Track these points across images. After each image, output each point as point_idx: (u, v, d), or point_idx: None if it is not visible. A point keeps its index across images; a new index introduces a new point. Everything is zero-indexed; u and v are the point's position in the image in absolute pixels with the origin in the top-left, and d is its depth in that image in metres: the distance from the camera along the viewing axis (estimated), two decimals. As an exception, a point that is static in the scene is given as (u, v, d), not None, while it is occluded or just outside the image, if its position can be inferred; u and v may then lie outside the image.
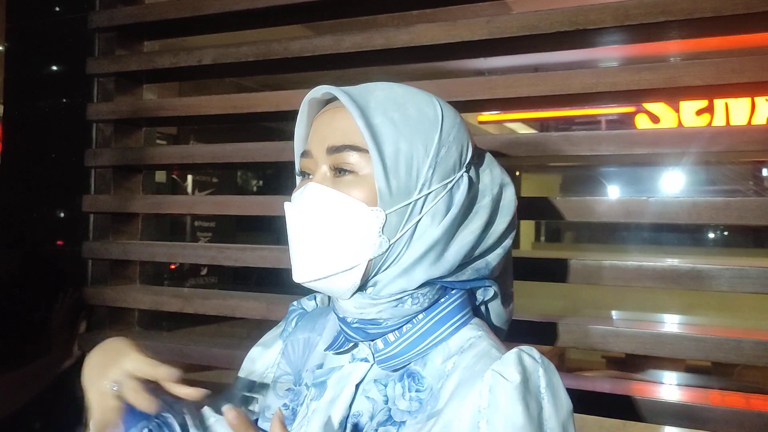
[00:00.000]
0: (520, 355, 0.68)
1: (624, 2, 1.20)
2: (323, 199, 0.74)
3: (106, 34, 1.75)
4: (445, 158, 0.75)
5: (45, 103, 1.80)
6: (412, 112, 0.75)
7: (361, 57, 1.45)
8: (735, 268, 1.12)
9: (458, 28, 1.32)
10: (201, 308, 1.54)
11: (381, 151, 0.72)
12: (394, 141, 0.73)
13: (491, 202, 0.79)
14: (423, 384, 0.74)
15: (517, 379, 0.66)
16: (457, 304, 0.77)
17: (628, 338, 1.18)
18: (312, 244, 0.74)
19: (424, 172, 0.74)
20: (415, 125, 0.74)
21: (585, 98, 1.31)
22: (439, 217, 0.74)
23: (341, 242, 0.73)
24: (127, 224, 1.78)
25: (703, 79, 1.16)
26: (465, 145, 0.78)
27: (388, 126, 0.73)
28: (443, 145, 0.75)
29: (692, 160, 1.28)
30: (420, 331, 0.75)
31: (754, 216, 1.13)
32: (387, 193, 0.72)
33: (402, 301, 0.74)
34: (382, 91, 0.77)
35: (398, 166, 0.72)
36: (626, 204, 1.22)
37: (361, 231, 0.72)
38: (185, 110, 1.62)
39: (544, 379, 0.68)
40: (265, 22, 1.63)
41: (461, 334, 0.76)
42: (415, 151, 0.73)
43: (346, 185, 0.73)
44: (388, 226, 0.73)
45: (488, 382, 0.66)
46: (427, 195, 0.74)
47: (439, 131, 0.75)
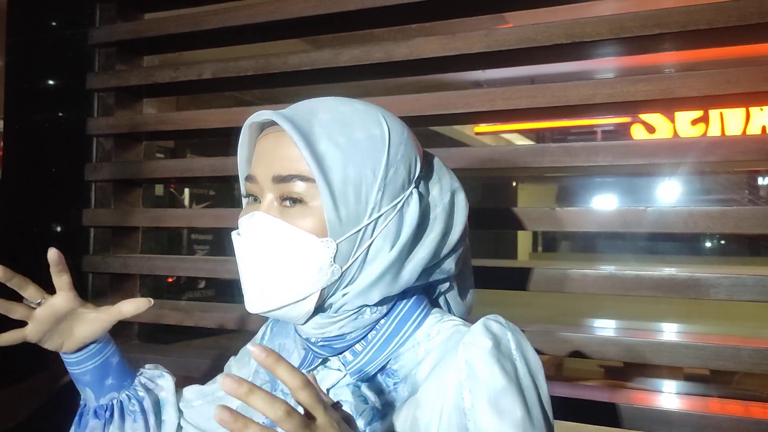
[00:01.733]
0: (486, 323, 0.71)
1: (619, 15, 1.22)
2: (272, 230, 0.72)
3: (107, 50, 1.77)
4: (393, 179, 0.73)
5: (45, 118, 1.81)
6: (359, 134, 0.72)
7: (359, 70, 1.47)
8: (733, 277, 1.13)
9: (457, 41, 1.34)
10: (201, 321, 1.55)
11: (328, 181, 0.69)
12: (341, 168, 0.70)
13: (444, 213, 0.78)
14: (398, 376, 0.75)
15: (488, 344, 0.68)
16: (414, 300, 0.78)
17: (626, 347, 1.19)
18: (263, 276, 0.73)
19: (373, 196, 0.72)
20: (363, 148, 0.72)
21: (582, 109, 1.33)
22: (391, 238, 0.73)
23: (293, 274, 0.72)
24: (127, 238, 1.79)
25: (699, 90, 1.18)
26: (413, 160, 0.76)
27: (334, 152, 0.70)
28: (391, 165, 0.73)
29: (688, 170, 1.29)
30: (385, 335, 0.76)
31: (750, 225, 1.14)
32: (337, 223, 0.70)
33: (361, 312, 0.74)
34: (327, 113, 0.74)
35: (347, 194, 0.70)
36: (623, 214, 1.23)
37: (313, 262, 0.71)
38: (185, 124, 1.63)
39: (513, 342, 0.71)
40: (264, 37, 1.65)
41: (425, 325, 0.77)
42: (363, 176, 0.71)
43: (294, 216, 0.72)
44: (339, 254, 0.71)
45: (463, 355, 0.68)
46: (377, 219, 0.72)
47: (387, 152, 0.73)
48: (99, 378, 0.91)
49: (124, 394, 0.93)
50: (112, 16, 1.77)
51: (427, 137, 1.45)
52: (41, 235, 1.79)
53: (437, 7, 1.40)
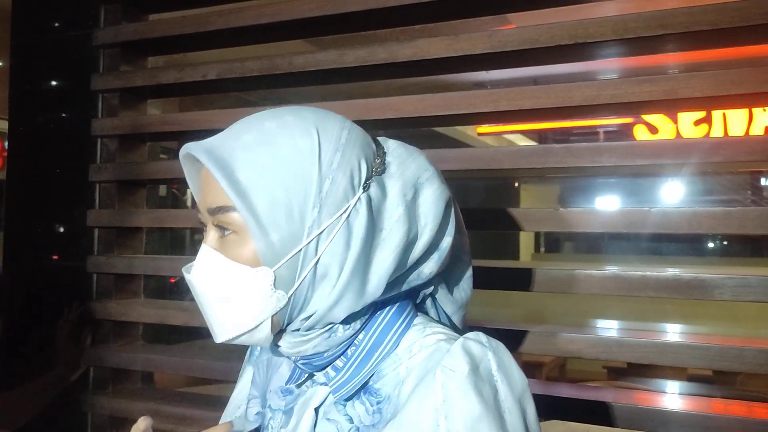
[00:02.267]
0: (465, 344, 0.68)
1: (623, 16, 1.22)
2: (210, 264, 0.71)
3: (111, 51, 1.77)
4: (331, 191, 0.69)
5: (49, 119, 1.81)
6: (285, 151, 0.69)
7: (364, 71, 1.47)
8: (737, 277, 1.13)
9: (460, 42, 1.34)
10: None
11: (252, 209, 0.67)
12: (267, 192, 0.67)
13: (406, 213, 0.72)
14: (381, 394, 0.73)
15: (465, 369, 0.66)
16: (395, 311, 0.75)
17: (631, 348, 1.19)
18: (212, 309, 0.73)
19: (309, 213, 0.68)
20: (289, 167, 0.68)
21: (586, 110, 1.33)
22: (340, 252, 0.69)
23: (237, 305, 0.70)
24: (132, 238, 1.79)
25: (703, 90, 1.18)
26: (357, 164, 0.71)
27: (257, 177, 0.68)
28: (326, 177, 0.69)
29: (692, 171, 1.29)
30: (365, 350, 0.74)
31: (754, 225, 1.14)
32: (269, 250, 0.68)
33: (333, 330, 0.72)
34: (252, 133, 0.71)
35: (276, 218, 0.67)
36: (628, 215, 1.23)
37: (253, 292, 0.69)
38: (189, 125, 1.64)
39: (494, 362, 0.68)
40: (269, 38, 1.65)
41: (407, 339, 0.74)
42: (293, 195, 0.68)
43: (230, 246, 0.70)
44: (280, 279, 0.69)
45: (440, 380, 0.66)
46: (318, 235, 0.69)
47: (318, 164, 0.69)
48: None
49: None
50: (117, 17, 1.77)
51: (429, 138, 1.45)
52: (45, 236, 1.80)
53: (440, 8, 1.40)
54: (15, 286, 1.83)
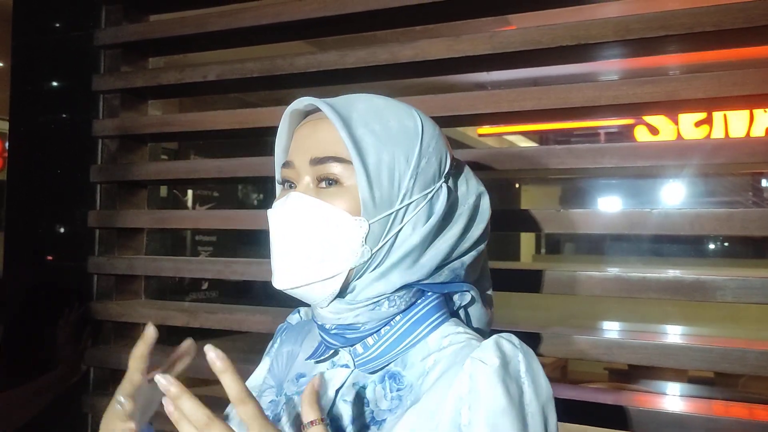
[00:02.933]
0: (498, 341, 0.70)
1: (624, 17, 1.22)
2: (308, 208, 0.74)
3: (112, 51, 1.77)
4: (425, 169, 0.77)
5: (50, 119, 1.81)
6: (393, 123, 0.76)
7: (365, 72, 1.47)
8: (739, 279, 1.13)
9: (461, 43, 1.34)
10: (207, 322, 1.55)
11: (365, 162, 0.73)
12: (376, 152, 0.74)
13: (469, 211, 0.81)
14: (403, 382, 0.75)
15: (496, 363, 0.67)
16: (434, 305, 0.78)
17: (633, 349, 1.18)
18: (295, 251, 0.75)
19: (405, 182, 0.75)
20: (396, 137, 0.76)
21: (587, 111, 1.32)
22: (419, 226, 0.76)
23: (325, 251, 0.74)
24: (133, 239, 1.79)
25: (704, 92, 1.17)
26: (444, 156, 0.80)
27: (370, 137, 0.74)
28: (423, 156, 0.77)
29: (693, 172, 1.29)
30: (398, 332, 0.76)
31: (756, 226, 1.14)
32: (371, 204, 0.73)
33: (379, 304, 0.75)
34: (363, 103, 0.78)
35: (381, 177, 0.74)
36: (629, 216, 1.23)
37: (345, 240, 0.73)
38: (190, 125, 1.64)
39: (523, 364, 0.69)
40: (270, 39, 1.65)
41: (439, 332, 0.77)
42: (397, 161, 0.75)
43: (330, 196, 0.74)
44: (371, 235, 0.74)
45: (468, 370, 0.68)
46: (408, 205, 0.75)
47: (420, 142, 0.77)
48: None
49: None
50: (118, 18, 1.77)
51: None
52: (46, 237, 1.79)
53: (441, 9, 1.40)
54: (16, 286, 1.83)
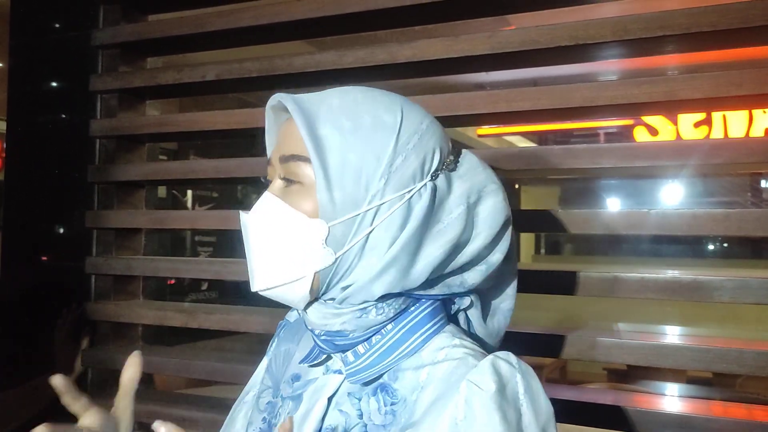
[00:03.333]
0: (494, 362, 0.66)
1: (623, 17, 1.22)
2: (269, 209, 0.73)
3: (110, 51, 1.77)
4: (401, 167, 0.71)
5: (48, 120, 1.81)
6: (366, 120, 0.72)
7: (364, 72, 1.47)
8: (736, 279, 1.13)
9: (460, 43, 1.34)
10: (205, 323, 1.55)
11: (324, 162, 0.69)
12: (340, 151, 0.70)
13: (463, 215, 0.73)
14: (396, 396, 0.71)
15: (492, 388, 0.64)
16: (428, 312, 0.74)
17: (631, 350, 1.18)
18: (260, 254, 0.74)
19: (375, 182, 0.70)
20: (368, 134, 0.71)
21: (585, 111, 1.32)
22: (394, 230, 0.70)
23: (285, 253, 0.72)
24: (131, 240, 1.79)
25: (702, 92, 1.17)
26: (432, 152, 0.73)
27: (335, 136, 0.70)
28: (399, 153, 0.71)
29: (691, 173, 1.29)
30: (390, 341, 0.73)
31: (753, 227, 1.14)
32: (329, 205, 0.69)
33: (366, 311, 0.72)
34: (338, 98, 0.74)
35: (344, 178, 0.69)
36: (627, 216, 1.23)
37: (303, 242, 0.71)
38: (189, 126, 1.63)
39: (522, 385, 0.66)
40: (268, 39, 1.65)
41: (434, 343, 0.73)
42: (365, 161, 0.70)
43: (292, 195, 0.72)
44: (332, 238, 0.70)
45: (464, 394, 0.65)
46: (379, 206, 0.70)
47: (396, 138, 0.71)
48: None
49: None
50: (116, 18, 1.77)
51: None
52: (44, 237, 1.79)
53: (440, 9, 1.40)
54: (13, 286, 1.83)
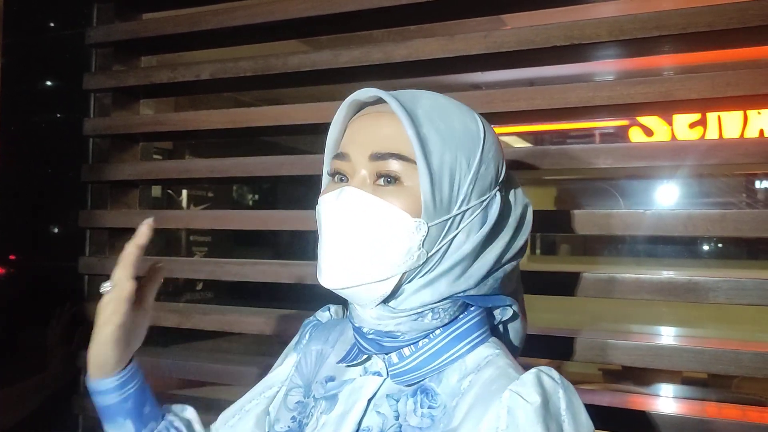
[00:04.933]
0: (539, 375, 0.67)
1: (619, 17, 1.22)
2: (365, 204, 0.71)
3: (104, 50, 1.76)
4: (484, 174, 0.74)
5: (41, 118, 1.80)
6: (456, 124, 0.74)
7: (359, 71, 1.46)
8: (732, 280, 1.13)
9: (456, 42, 1.33)
10: (199, 323, 1.54)
11: (429, 162, 0.70)
12: (440, 152, 0.71)
13: (516, 221, 0.79)
14: (436, 401, 0.71)
15: (537, 400, 0.64)
16: (476, 321, 0.76)
17: (627, 351, 1.18)
18: (348, 250, 0.72)
19: (465, 187, 0.72)
20: (460, 138, 0.73)
21: (581, 112, 1.32)
22: (473, 234, 0.73)
23: (380, 252, 0.70)
24: (125, 240, 1.75)
25: (699, 92, 1.17)
26: (500, 163, 0.77)
27: (435, 136, 0.71)
28: (484, 161, 0.74)
29: (687, 173, 1.28)
30: (437, 347, 0.73)
31: (749, 228, 1.13)
32: (431, 206, 0.70)
33: (423, 315, 0.72)
34: (428, 99, 0.75)
35: (442, 179, 0.71)
36: (623, 217, 1.22)
37: (403, 242, 0.70)
38: (183, 125, 1.63)
39: (564, 401, 0.66)
40: (263, 38, 1.64)
41: (478, 352, 0.74)
42: (458, 164, 0.72)
43: (388, 194, 0.71)
44: (428, 239, 0.71)
45: (506, 403, 0.65)
46: (465, 211, 0.73)
47: (482, 147, 0.74)
48: (140, 404, 0.86)
49: (163, 425, 0.89)
50: (110, 16, 1.76)
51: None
52: (37, 237, 1.78)
53: (435, 9, 1.39)
54: (6, 286, 1.82)
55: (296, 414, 0.83)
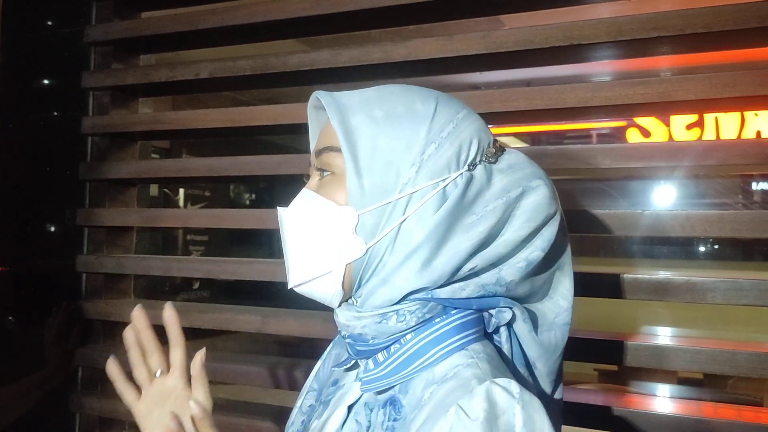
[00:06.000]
0: (490, 389, 0.61)
1: (617, 18, 1.22)
2: (302, 202, 0.73)
3: (102, 48, 1.76)
4: (434, 155, 0.69)
5: (40, 116, 1.80)
6: (399, 109, 0.71)
7: (358, 71, 1.46)
8: (729, 281, 1.13)
9: (455, 42, 1.34)
10: (197, 322, 1.54)
11: (353, 149, 0.69)
12: (371, 138, 0.69)
13: (502, 207, 0.70)
14: (400, 413, 0.68)
15: (480, 416, 0.59)
16: (455, 325, 0.69)
17: (624, 350, 1.18)
18: (294, 249, 0.74)
19: (406, 170, 0.68)
20: (399, 122, 0.70)
21: (580, 112, 1.32)
22: (427, 220, 0.68)
23: (317, 245, 0.71)
24: (122, 238, 1.78)
25: (696, 93, 1.18)
26: (468, 142, 0.71)
27: (367, 124, 0.70)
28: (432, 141, 0.69)
29: (684, 174, 1.29)
30: (407, 353, 0.69)
31: (747, 229, 1.14)
32: (358, 192, 0.68)
33: (386, 317, 0.69)
34: (375, 91, 0.74)
35: (373, 165, 0.68)
36: (621, 217, 1.23)
37: (333, 231, 0.70)
38: (182, 124, 1.63)
39: (521, 418, 0.60)
40: (262, 37, 1.64)
41: (450, 361, 0.67)
42: (394, 148, 0.69)
43: (325, 186, 0.72)
44: (362, 227, 0.69)
45: (450, 419, 0.60)
46: (411, 194, 0.68)
47: (428, 127, 0.70)
48: None
49: None
50: (109, 15, 1.76)
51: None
52: (35, 235, 1.78)
53: (434, 9, 1.40)
54: (3, 284, 1.82)
55: (305, 417, 0.83)
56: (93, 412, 1.66)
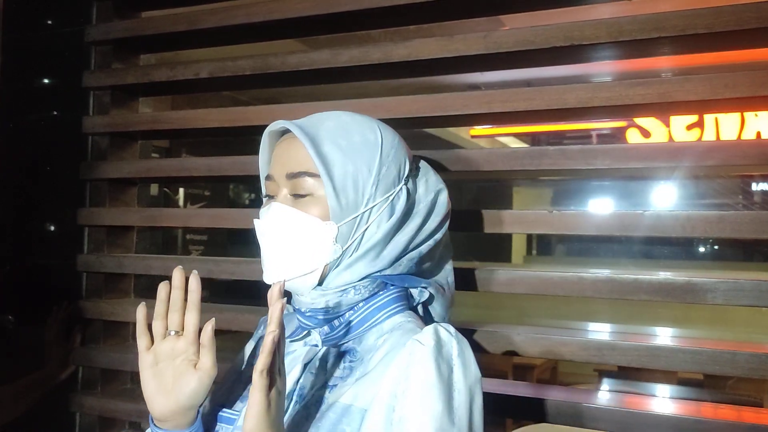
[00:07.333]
0: (436, 327, 0.83)
1: (618, 18, 1.22)
2: (287, 216, 0.88)
3: (103, 48, 1.76)
4: (386, 175, 0.90)
5: (40, 116, 1.80)
6: (356, 138, 0.89)
7: (358, 71, 1.46)
8: (730, 281, 1.13)
9: (455, 42, 1.34)
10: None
11: (331, 175, 0.86)
12: (342, 165, 0.87)
13: (426, 208, 0.95)
14: (356, 356, 0.89)
15: (431, 344, 0.81)
16: (393, 296, 0.92)
17: (624, 351, 1.18)
18: (279, 253, 0.89)
19: (369, 188, 0.89)
20: (359, 150, 0.89)
21: (580, 112, 1.32)
22: (382, 224, 0.90)
23: (302, 251, 0.88)
24: (122, 237, 1.78)
25: (696, 94, 1.18)
26: (403, 162, 0.93)
27: (336, 152, 0.87)
28: (384, 164, 0.90)
29: (685, 174, 1.29)
30: (360, 316, 0.90)
31: (748, 229, 1.14)
32: (338, 209, 0.87)
33: (346, 291, 0.89)
34: (332, 121, 0.91)
35: (346, 186, 0.87)
36: (621, 217, 1.23)
37: (319, 242, 0.87)
38: (182, 123, 1.63)
39: (456, 349, 0.83)
40: (262, 37, 1.64)
41: (394, 320, 0.91)
42: (360, 172, 0.88)
43: (304, 205, 0.88)
44: (340, 235, 0.88)
45: (409, 348, 0.82)
46: (372, 207, 0.89)
47: (380, 153, 0.90)
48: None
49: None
50: (109, 14, 1.76)
51: (422, 139, 1.44)
52: (35, 234, 1.78)
53: (434, 9, 1.40)
54: (4, 284, 1.82)
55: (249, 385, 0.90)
56: (93, 412, 1.66)
